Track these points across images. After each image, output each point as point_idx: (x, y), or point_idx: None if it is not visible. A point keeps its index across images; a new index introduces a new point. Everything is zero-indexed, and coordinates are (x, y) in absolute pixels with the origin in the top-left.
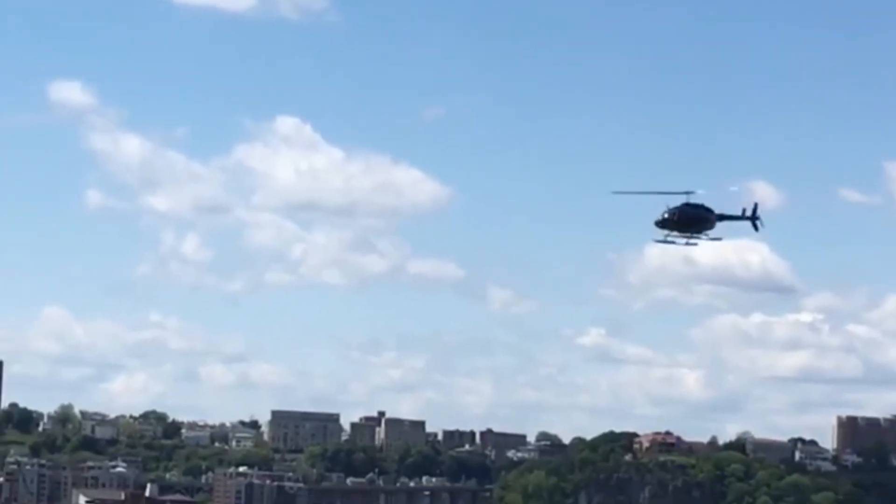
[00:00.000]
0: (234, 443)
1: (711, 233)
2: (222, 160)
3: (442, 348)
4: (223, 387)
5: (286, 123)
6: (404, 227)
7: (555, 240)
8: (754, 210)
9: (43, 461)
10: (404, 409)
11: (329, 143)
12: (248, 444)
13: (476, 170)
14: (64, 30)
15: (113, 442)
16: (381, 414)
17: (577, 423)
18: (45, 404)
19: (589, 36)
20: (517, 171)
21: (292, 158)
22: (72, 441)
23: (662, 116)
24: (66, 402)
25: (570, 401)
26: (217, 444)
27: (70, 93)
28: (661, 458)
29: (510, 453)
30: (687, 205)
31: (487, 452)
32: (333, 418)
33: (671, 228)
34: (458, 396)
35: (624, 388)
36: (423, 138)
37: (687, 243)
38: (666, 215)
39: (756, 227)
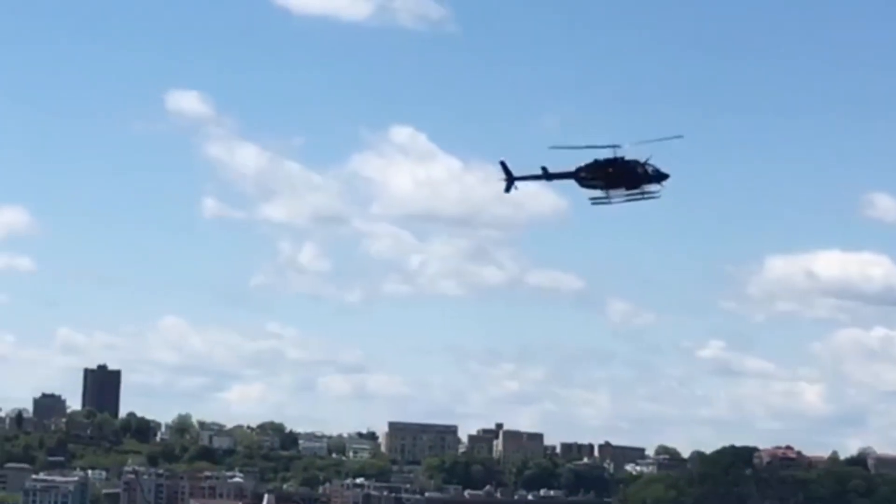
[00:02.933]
0: (351, 454)
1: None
2: (339, 170)
3: (560, 360)
4: (341, 397)
5: (402, 133)
6: (523, 238)
7: (674, 252)
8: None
9: (160, 471)
10: (522, 422)
11: (446, 152)
12: (366, 455)
13: None
14: (181, 40)
15: (230, 452)
16: (499, 426)
17: (696, 436)
18: (162, 414)
19: (695, 34)
20: None
21: (409, 168)
22: (189, 451)
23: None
24: (183, 412)
25: (690, 414)
26: (334, 455)
27: (187, 102)
28: (782, 473)
29: (629, 466)
30: (615, 159)
31: (606, 465)
32: (451, 430)
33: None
34: (576, 409)
35: (744, 401)
36: (539, 148)
37: (628, 199)
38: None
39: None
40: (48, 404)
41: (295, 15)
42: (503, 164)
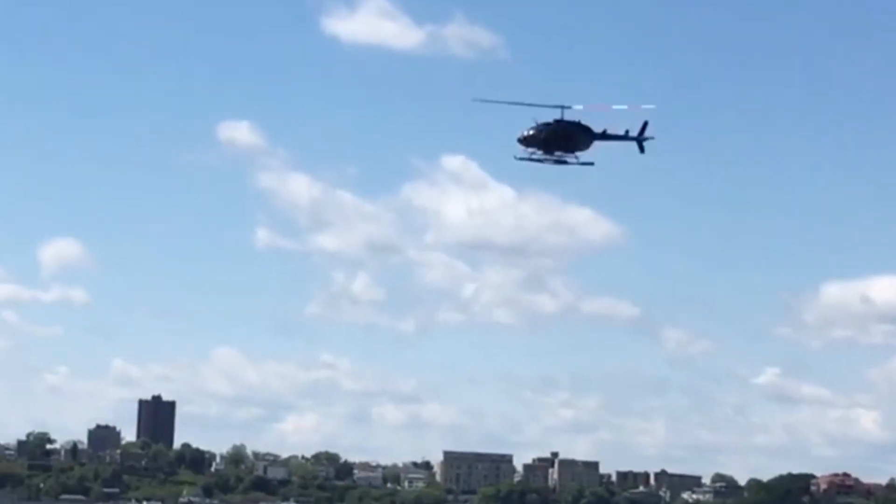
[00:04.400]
0: (406, 483)
1: (584, 155)
2: (391, 199)
3: (615, 388)
4: (395, 427)
5: (453, 161)
6: (577, 265)
7: (729, 278)
8: (643, 129)
9: (215, 501)
10: (578, 450)
11: (498, 181)
12: (421, 484)
13: (648, 208)
14: (231, 70)
15: (285, 482)
16: (555, 455)
17: (753, 464)
18: (217, 444)
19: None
20: (690, 210)
21: (462, 197)
22: (244, 481)
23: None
24: (238, 443)
25: (746, 441)
26: (389, 485)
27: (239, 133)
28: (839, 500)
29: (685, 495)
30: (558, 122)
31: (662, 494)
32: (506, 459)
33: (537, 146)
34: (631, 437)
35: (801, 428)
36: (592, 177)
37: (556, 162)
38: (531, 131)
39: (642, 149)
40: (103, 436)
41: (345, 44)
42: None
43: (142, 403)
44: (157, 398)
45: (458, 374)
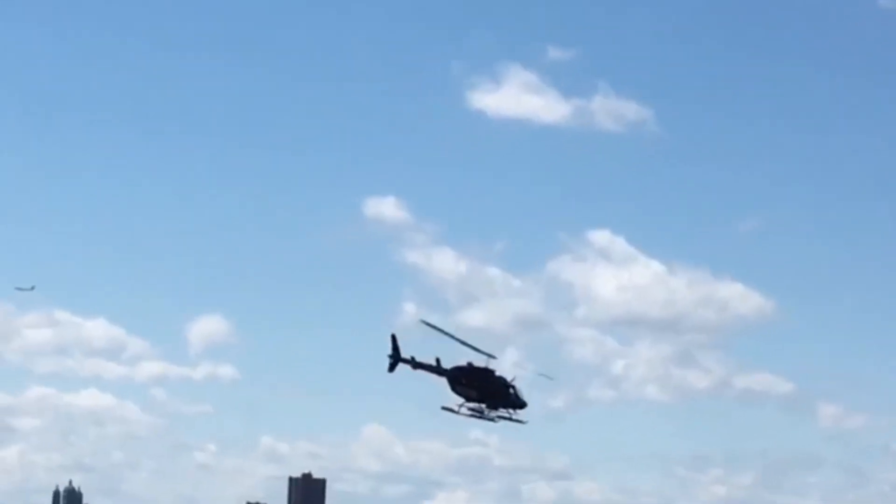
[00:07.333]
0: None
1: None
2: (538, 274)
3: (770, 465)
4: None
5: (600, 236)
6: (729, 341)
7: (885, 352)
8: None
9: None
10: None
11: (646, 255)
12: None
13: (800, 282)
14: (377, 146)
15: None
16: None
17: None
18: None
19: None
20: (843, 283)
21: (611, 272)
22: None
23: None
24: None
25: None
26: None
27: (385, 208)
28: None
29: None
30: (487, 371)
31: None
32: None
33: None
34: None
35: None
36: (741, 251)
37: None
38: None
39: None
40: None
41: (491, 118)
42: (393, 339)
43: (292, 481)
44: (307, 475)
45: (610, 450)
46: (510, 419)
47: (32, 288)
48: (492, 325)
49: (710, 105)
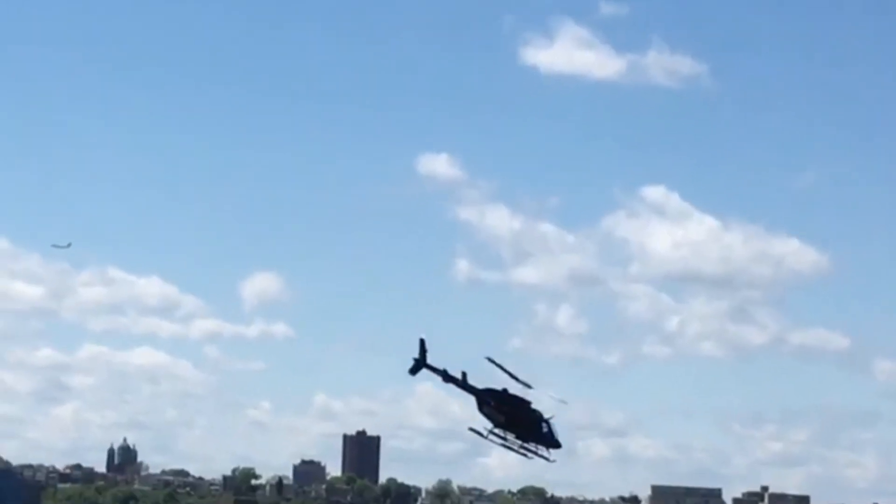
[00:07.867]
0: None
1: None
2: (592, 230)
3: (825, 421)
4: (601, 461)
5: (655, 192)
6: (784, 297)
7: None
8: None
9: None
10: (788, 484)
11: (701, 211)
12: None
13: (855, 238)
14: (430, 104)
15: None
16: (765, 489)
17: None
18: (422, 479)
19: None
20: None
21: (665, 228)
22: None
23: None
24: (443, 477)
25: None
26: None
27: (438, 166)
28: None
29: None
30: (522, 400)
31: None
32: (715, 493)
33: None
34: (842, 470)
35: None
36: (796, 206)
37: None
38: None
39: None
40: (308, 471)
41: (543, 74)
42: (421, 343)
43: (346, 438)
44: (361, 433)
45: (665, 407)
46: (536, 453)
47: (69, 245)
48: (546, 281)
49: (764, 60)
